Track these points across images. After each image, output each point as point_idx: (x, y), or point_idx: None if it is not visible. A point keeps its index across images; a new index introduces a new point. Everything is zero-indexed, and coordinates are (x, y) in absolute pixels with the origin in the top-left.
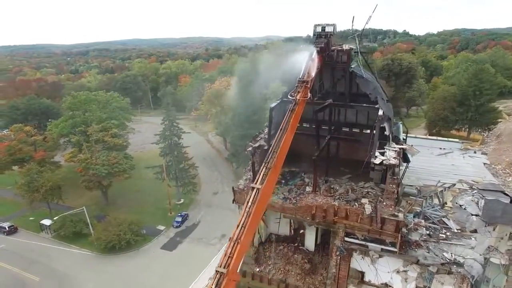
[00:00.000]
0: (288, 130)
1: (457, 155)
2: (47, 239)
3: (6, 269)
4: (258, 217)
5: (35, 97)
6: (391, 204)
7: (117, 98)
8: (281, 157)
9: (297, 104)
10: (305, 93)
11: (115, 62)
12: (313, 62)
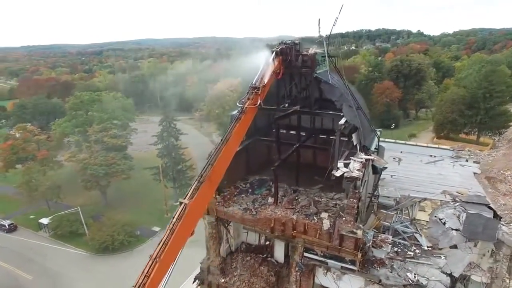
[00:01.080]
0: (231, 141)
1: (447, 163)
2: (45, 238)
3: (1, 266)
4: (184, 235)
5: (43, 97)
6: (350, 220)
7: (120, 98)
8: (218, 171)
9: (244, 113)
10: (255, 101)
11: (128, 62)
12: (269, 67)
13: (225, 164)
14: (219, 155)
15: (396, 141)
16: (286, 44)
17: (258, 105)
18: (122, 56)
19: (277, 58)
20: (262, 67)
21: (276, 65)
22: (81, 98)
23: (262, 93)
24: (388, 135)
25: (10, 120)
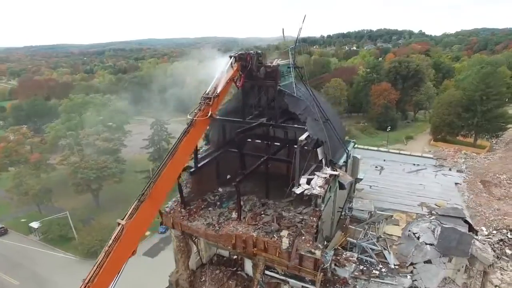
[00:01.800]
0: (177, 156)
1: (430, 172)
2: (35, 242)
3: None
4: (122, 257)
5: (40, 98)
6: (309, 239)
7: (113, 100)
8: (162, 188)
9: (193, 126)
10: (206, 112)
11: (129, 62)
12: (225, 75)
13: (170, 181)
14: (163, 172)
15: (379, 149)
16: (248, 53)
17: (209, 116)
18: (123, 56)
19: (235, 64)
20: (218, 75)
21: (234, 72)
22: (74, 101)
23: (214, 103)
24: (384, 137)
25: (7, 121)
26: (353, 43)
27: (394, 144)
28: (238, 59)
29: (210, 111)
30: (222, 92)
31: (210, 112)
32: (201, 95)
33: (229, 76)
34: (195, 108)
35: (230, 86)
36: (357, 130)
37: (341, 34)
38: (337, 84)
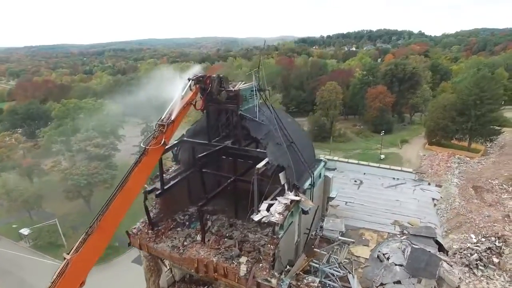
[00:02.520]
0: (128, 186)
1: (408, 187)
2: (25, 249)
3: None
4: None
5: (35, 102)
6: (266, 267)
7: (108, 104)
8: (112, 219)
9: (145, 154)
10: (159, 140)
11: (128, 62)
12: (182, 100)
13: (121, 212)
14: (113, 203)
15: (359, 162)
16: (208, 76)
17: (163, 144)
18: (123, 57)
19: (194, 87)
20: (174, 101)
21: (192, 96)
22: (67, 106)
23: (168, 131)
24: (380, 140)
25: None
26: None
27: (388, 148)
28: (196, 82)
29: (163, 139)
30: (178, 118)
31: (163, 140)
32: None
33: (186, 100)
34: (149, 135)
35: (187, 111)
36: (353, 133)
37: (341, 35)
38: (332, 87)
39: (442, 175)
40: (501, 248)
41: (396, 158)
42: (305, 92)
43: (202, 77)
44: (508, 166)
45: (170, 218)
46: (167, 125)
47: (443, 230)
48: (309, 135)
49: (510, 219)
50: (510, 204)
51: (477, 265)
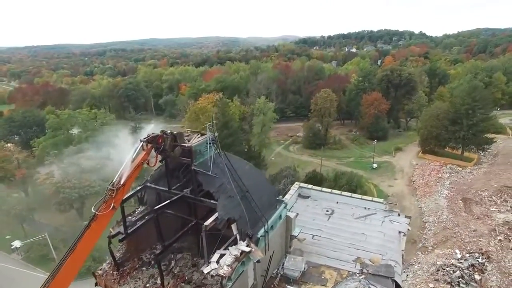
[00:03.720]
0: (78, 250)
1: (378, 218)
2: (17, 261)
3: None
4: None
5: (31, 110)
6: None
7: (102, 114)
8: (62, 283)
9: (94, 220)
10: (109, 205)
11: (128, 64)
12: (133, 162)
13: (71, 275)
14: (63, 267)
15: (332, 191)
16: (160, 135)
17: (112, 208)
18: (124, 57)
19: (147, 146)
20: (125, 163)
21: (143, 156)
22: (61, 116)
23: (118, 194)
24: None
25: None
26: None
27: (382, 156)
28: (149, 141)
29: (112, 203)
30: (128, 181)
31: (112, 204)
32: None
33: (137, 162)
34: (100, 199)
35: (138, 172)
36: (348, 140)
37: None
38: (326, 95)
39: (433, 186)
40: (484, 264)
41: (388, 167)
42: (302, 96)
43: (154, 137)
44: (499, 176)
45: (137, 257)
46: (116, 190)
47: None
48: (304, 141)
49: (496, 233)
50: (498, 217)
51: (458, 282)
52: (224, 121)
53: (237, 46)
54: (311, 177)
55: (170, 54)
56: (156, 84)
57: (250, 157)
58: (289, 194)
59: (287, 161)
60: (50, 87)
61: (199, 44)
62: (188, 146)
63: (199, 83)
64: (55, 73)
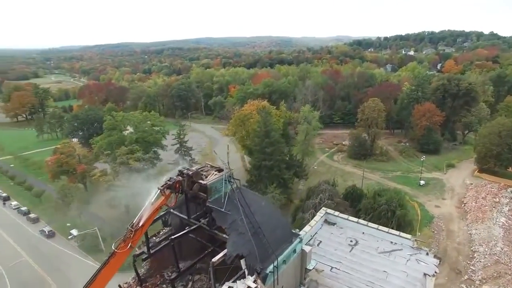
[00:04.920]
0: (94, 285)
1: (403, 255)
2: (74, 248)
3: (37, 271)
4: None
5: (93, 108)
6: None
7: (152, 116)
8: None
9: (113, 257)
10: (127, 244)
11: (184, 62)
12: (152, 206)
13: None
14: None
15: (359, 221)
16: (181, 175)
17: (129, 248)
18: (180, 56)
19: (164, 194)
20: (145, 206)
21: (162, 201)
22: (116, 118)
23: (137, 235)
24: (425, 161)
25: (66, 128)
26: (411, 47)
27: (432, 172)
28: (167, 188)
29: (130, 243)
30: (146, 224)
31: (130, 244)
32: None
33: (156, 206)
34: (120, 237)
35: (156, 214)
36: (396, 151)
37: (399, 36)
38: (374, 104)
39: (487, 211)
40: None
41: (437, 185)
42: (351, 103)
43: (171, 184)
44: None
45: (159, 273)
46: (135, 231)
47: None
48: (349, 151)
49: None
50: None
51: None
52: (266, 130)
53: (290, 46)
54: (350, 192)
55: (223, 53)
56: (207, 85)
57: (291, 166)
58: (314, 220)
59: (330, 171)
60: (112, 85)
61: (252, 44)
62: (204, 184)
63: (247, 86)
64: (118, 71)
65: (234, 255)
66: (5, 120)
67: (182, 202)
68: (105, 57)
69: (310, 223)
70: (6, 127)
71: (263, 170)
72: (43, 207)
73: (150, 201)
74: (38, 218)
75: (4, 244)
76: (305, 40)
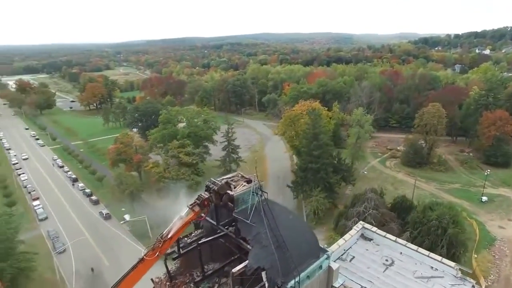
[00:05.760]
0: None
1: (444, 284)
2: (126, 231)
3: (94, 248)
4: None
5: (152, 100)
6: None
7: (205, 112)
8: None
9: (141, 263)
10: (155, 252)
11: (241, 58)
12: (181, 220)
13: None
14: None
15: (397, 239)
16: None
17: (156, 256)
18: (238, 51)
19: (194, 211)
20: (175, 219)
21: (192, 217)
22: (170, 112)
23: (165, 245)
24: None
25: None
26: (486, 45)
27: (498, 188)
28: (197, 206)
29: (158, 253)
30: (174, 237)
31: (157, 253)
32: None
33: (185, 221)
34: (150, 244)
35: (185, 228)
36: (457, 161)
37: (473, 33)
38: (435, 110)
39: None
40: None
41: (504, 203)
42: (410, 106)
43: (200, 203)
44: None
45: (189, 272)
46: (163, 241)
47: None
48: (403, 157)
49: None
50: None
51: None
52: (314, 132)
53: (349, 43)
54: (398, 203)
55: (281, 49)
56: (262, 81)
57: (339, 169)
58: (349, 234)
59: (380, 178)
60: (171, 79)
61: (310, 40)
62: (231, 195)
63: (301, 85)
64: (179, 64)
65: (254, 268)
66: (79, 109)
67: (213, 209)
68: (168, 51)
69: (345, 237)
70: (80, 115)
71: (309, 173)
72: (103, 191)
73: (180, 215)
74: (98, 200)
75: (71, 221)
76: (366, 38)
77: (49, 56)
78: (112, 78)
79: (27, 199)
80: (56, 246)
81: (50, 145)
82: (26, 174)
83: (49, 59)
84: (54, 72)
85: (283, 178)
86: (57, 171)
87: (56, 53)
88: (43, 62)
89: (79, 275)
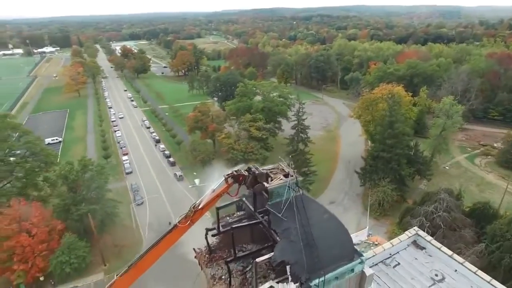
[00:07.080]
0: (157, 249)
1: None
2: (195, 195)
3: (166, 206)
4: None
5: (233, 72)
6: None
7: (281, 86)
8: (144, 265)
9: (175, 229)
10: (187, 220)
11: (329, 31)
12: (213, 192)
13: (148, 264)
14: (144, 257)
15: (453, 255)
16: (248, 171)
17: (188, 224)
18: (327, 24)
19: (228, 183)
20: (208, 191)
21: (223, 190)
22: (247, 86)
23: (197, 215)
24: None
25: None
26: None
27: None
28: (230, 178)
29: (189, 221)
30: (205, 208)
31: (189, 221)
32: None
33: (218, 192)
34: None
35: (216, 200)
36: None
37: None
38: None
39: None
40: None
41: None
42: None
43: (236, 176)
44: None
45: (228, 249)
46: (194, 211)
47: None
48: (499, 156)
49: None
50: None
51: None
52: (390, 120)
53: (457, 18)
54: (478, 209)
55: (374, 24)
56: (347, 58)
57: (414, 161)
58: (398, 239)
59: (464, 176)
60: (256, 50)
61: (410, 14)
62: (266, 187)
63: (388, 65)
64: (266, 35)
65: (278, 261)
66: (170, 74)
67: (253, 195)
68: (257, 21)
69: (392, 241)
70: (170, 80)
71: (380, 161)
72: (180, 154)
73: (213, 187)
74: (175, 162)
75: (150, 178)
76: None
77: (150, 24)
78: (201, 46)
79: (119, 153)
80: (136, 198)
81: (141, 106)
82: (120, 131)
83: (150, 27)
84: (153, 39)
85: (354, 163)
86: (144, 131)
87: (156, 21)
88: (144, 30)
89: (151, 226)
